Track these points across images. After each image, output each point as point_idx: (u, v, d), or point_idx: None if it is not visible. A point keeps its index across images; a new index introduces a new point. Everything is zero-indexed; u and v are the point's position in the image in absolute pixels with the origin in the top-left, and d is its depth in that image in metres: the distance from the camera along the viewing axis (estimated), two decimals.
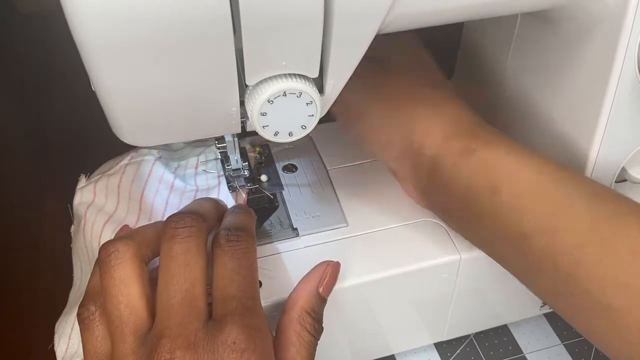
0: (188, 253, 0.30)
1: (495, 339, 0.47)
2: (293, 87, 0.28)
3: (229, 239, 0.32)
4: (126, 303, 0.30)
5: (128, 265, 0.30)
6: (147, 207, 0.40)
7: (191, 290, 0.29)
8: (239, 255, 0.31)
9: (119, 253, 0.30)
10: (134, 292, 0.30)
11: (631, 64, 0.33)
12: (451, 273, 0.39)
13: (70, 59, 0.28)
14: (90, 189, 0.41)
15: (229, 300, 0.30)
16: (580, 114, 0.36)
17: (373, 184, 0.43)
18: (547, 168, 0.33)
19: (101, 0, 0.23)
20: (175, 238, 0.30)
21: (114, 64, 0.26)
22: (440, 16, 0.31)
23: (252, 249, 0.32)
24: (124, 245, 0.30)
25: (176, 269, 0.30)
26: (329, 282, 0.35)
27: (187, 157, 0.45)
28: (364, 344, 0.43)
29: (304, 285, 0.35)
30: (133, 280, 0.30)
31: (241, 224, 0.33)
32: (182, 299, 0.29)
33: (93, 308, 0.31)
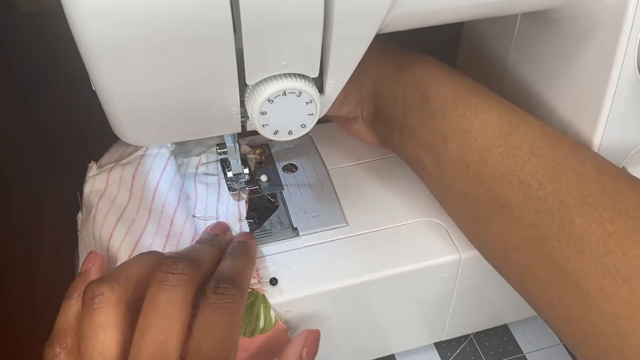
0: (170, 304, 0.29)
1: (495, 339, 0.47)
2: (293, 86, 0.28)
3: (215, 291, 0.31)
4: (100, 350, 0.29)
5: (110, 312, 0.29)
6: (158, 208, 0.39)
7: (165, 344, 0.29)
8: (221, 310, 0.31)
9: (104, 297, 0.29)
10: (110, 340, 0.29)
11: (631, 64, 0.33)
12: (451, 273, 0.39)
13: (71, 59, 0.28)
14: (103, 178, 0.40)
15: (200, 357, 0.29)
16: (580, 113, 0.37)
17: (373, 184, 0.43)
18: (468, 80, 0.37)
19: (101, 0, 0.23)
20: (163, 284, 0.30)
21: (115, 63, 0.26)
22: (440, 16, 0.31)
23: (238, 304, 0.32)
24: (110, 289, 0.30)
25: (154, 319, 0.29)
26: (311, 349, 0.35)
27: (190, 153, 0.45)
28: (364, 344, 0.43)
29: (288, 351, 0.34)
30: (112, 327, 0.29)
31: (233, 275, 0.33)
32: (154, 352, 0.28)
33: (58, 349, 0.30)
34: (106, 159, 0.42)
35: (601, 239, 0.29)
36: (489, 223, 0.34)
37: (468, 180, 0.35)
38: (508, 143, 0.33)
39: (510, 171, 0.32)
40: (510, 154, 0.33)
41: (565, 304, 0.31)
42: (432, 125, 0.36)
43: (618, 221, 0.29)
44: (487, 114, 0.34)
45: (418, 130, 0.37)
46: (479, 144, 0.34)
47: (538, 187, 0.31)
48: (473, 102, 0.35)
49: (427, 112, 0.36)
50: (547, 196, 0.31)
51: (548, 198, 0.31)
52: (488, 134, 0.34)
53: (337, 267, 0.38)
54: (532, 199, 0.31)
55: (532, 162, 0.32)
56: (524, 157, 0.32)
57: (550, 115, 0.39)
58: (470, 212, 0.36)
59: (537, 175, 0.32)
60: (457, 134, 0.35)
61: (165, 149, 0.42)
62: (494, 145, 0.33)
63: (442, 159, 0.36)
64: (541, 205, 0.31)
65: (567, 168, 0.32)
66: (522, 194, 0.32)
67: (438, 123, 0.36)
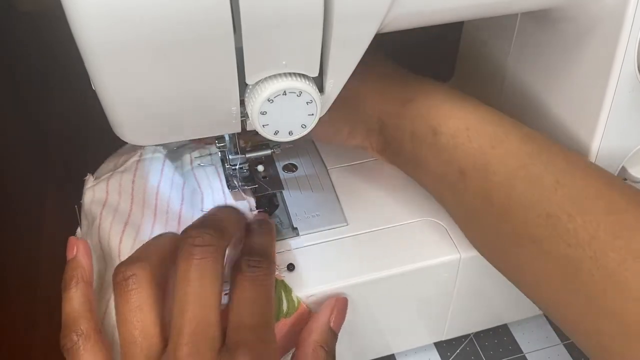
0: (204, 277, 0.30)
1: (495, 339, 0.47)
2: (293, 86, 0.28)
3: (249, 264, 0.32)
4: (141, 329, 0.30)
5: (145, 291, 0.30)
6: (163, 208, 0.39)
7: (206, 318, 0.29)
8: (258, 283, 0.32)
9: (137, 277, 0.30)
10: (149, 319, 0.30)
11: (631, 64, 0.33)
12: (451, 272, 0.39)
13: (71, 58, 0.28)
14: (102, 187, 0.40)
15: (242, 329, 0.30)
16: (580, 113, 0.37)
17: (373, 183, 0.43)
18: (480, 109, 0.35)
19: (101, 0, 0.23)
20: (192, 259, 0.30)
21: (115, 63, 0.26)
22: (440, 16, 0.31)
23: (271, 275, 0.33)
24: (141, 269, 0.31)
25: (192, 296, 0.30)
26: (339, 317, 0.36)
27: (182, 155, 0.45)
28: (364, 344, 0.43)
29: (316, 319, 0.35)
30: (149, 306, 0.30)
31: (263, 249, 0.34)
32: (196, 327, 0.29)
33: (75, 337, 0.31)
34: (102, 170, 0.42)
35: (638, 273, 0.28)
36: (519, 256, 0.33)
37: (493, 216, 0.33)
38: (530, 174, 0.32)
39: (536, 204, 0.31)
40: (534, 186, 0.31)
41: (603, 337, 0.30)
42: (446, 159, 0.35)
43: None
44: (504, 144, 0.33)
45: (431, 164, 0.36)
46: (499, 178, 0.32)
47: (567, 220, 0.30)
48: (488, 133, 0.34)
49: (439, 146, 0.35)
50: (577, 229, 0.30)
51: (578, 231, 0.30)
52: (507, 166, 0.32)
53: (337, 267, 0.38)
54: (561, 233, 0.30)
55: (557, 193, 0.31)
56: (548, 187, 0.31)
57: (550, 115, 0.39)
58: (499, 245, 0.34)
59: (564, 207, 0.30)
60: (475, 169, 0.33)
61: (159, 153, 0.42)
62: (516, 178, 0.32)
63: (462, 195, 0.34)
64: (571, 238, 0.30)
65: (595, 197, 0.30)
66: (550, 227, 0.31)
67: (451, 157, 0.34)
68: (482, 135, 0.34)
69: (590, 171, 0.32)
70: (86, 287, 0.33)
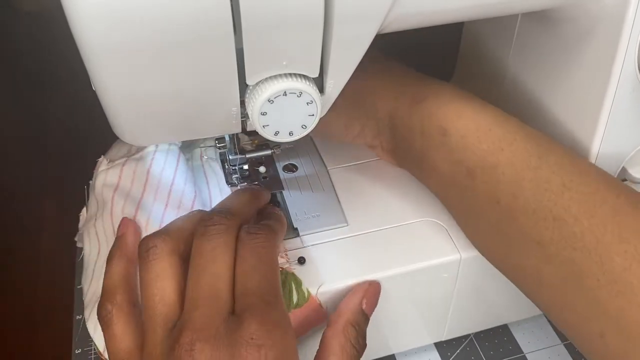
0: (215, 249, 0.31)
1: (495, 339, 0.47)
2: (293, 86, 0.28)
3: (248, 231, 0.33)
4: (160, 296, 0.31)
5: (165, 261, 0.31)
6: (176, 201, 0.40)
7: (216, 285, 0.30)
8: (258, 250, 0.32)
9: (157, 249, 0.31)
10: (168, 286, 0.31)
11: (631, 64, 0.33)
12: (451, 273, 0.39)
13: (71, 59, 0.28)
14: (116, 172, 0.41)
15: (248, 296, 0.30)
16: (580, 113, 0.37)
17: (373, 184, 0.43)
18: (489, 110, 0.36)
19: (101, 1, 0.23)
20: (204, 236, 0.32)
21: (115, 64, 0.26)
22: (441, 16, 0.31)
23: (272, 243, 0.33)
24: (162, 241, 0.32)
25: (204, 265, 0.31)
26: (371, 300, 0.36)
27: (193, 148, 0.45)
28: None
29: (349, 300, 0.36)
30: (169, 274, 0.31)
31: (266, 223, 0.35)
32: (208, 293, 0.30)
33: (110, 307, 0.32)
34: (114, 153, 0.42)
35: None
36: (523, 258, 0.33)
37: (499, 217, 0.33)
38: (538, 177, 0.32)
39: (543, 207, 0.31)
40: (542, 189, 0.32)
41: (607, 341, 0.30)
42: (454, 159, 0.35)
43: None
44: (513, 146, 0.33)
45: (439, 165, 0.36)
46: (507, 179, 0.33)
47: (573, 223, 0.30)
48: (497, 134, 0.34)
49: (448, 146, 0.35)
50: (584, 232, 0.30)
51: (585, 234, 0.30)
52: (516, 167, 0.32)
53: (337, 268, 0.38)
54: (567, 236, 0.30)
55: (564, 196, 0.31)
56: (555, 191, 0.31)
57: (550, 115, 0.39)
58: (503, 246, 0.34)
59: (571, 210, 0.30)
60: (483, 169, 0.33)
61: (174, 146, 0.43)
62: (524, 179, 0.32)
63: (468, 194, 0.35)
64: (577, 242, 0.30)
65: (601, 201, 0.30)
66: (557, 230, 0.31)
67: (460, 157, 0.35)
68: (491, 137, 0.34)
69: (597, 175, 0.32)
70: (128, 262, 0.35)
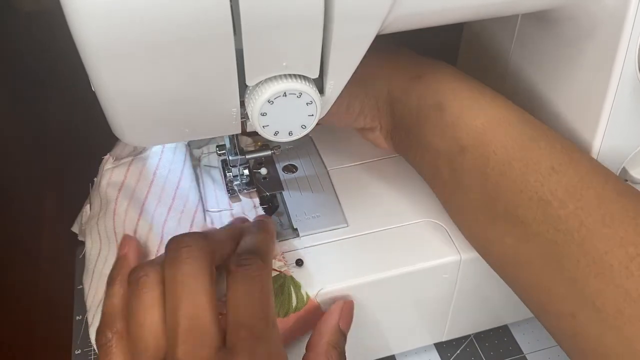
0: (189, 277, 0.30)
1: (495, 339, 0.47)
2: (293, 87, 0.28)
3: (239, 264, 0.32)
4: (149, 327, 0.30)
5: (154, 291, 0.31)
6: (179, 206, 0.40)
7: (198, 316, 0.29)
8: (249, 280, 0.31)
9: (149, 278, 0.31)
10: (157, 317, 0.30)
11: (632, 65, 0.33)
12: (451, 273, 0.39)
13: (71, 59, 0.28)
14: (121, 171, 0.40)
15: (239, 328, 0.30)
16: (581, 114, 0.36)
17: (373, 184, 0.43)
18: (486, 89, 0.36)
19: (101, 1, 0.23)
20: (176, 261, 0.30)
21: (114, 64, 0.26)
22: (441, 16, 0.31)
23: (264, 272, 0.32)
24: (154, 272, 0.31)
25: (181, 294, 0.30)
26: (347, 318, 0.37)
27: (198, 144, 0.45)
28: (364, 344, 0.43)
29: (326, 321, 0.36)
30: (159, 305, 0.30)
31: (254, 247, 0.34)
32: (190, 326, 0.29)
33: (110, 335, 0.31)
34: (119, 151, 0.42)
35: (623, 262, 0.28)
36: (505, 237, 0.34)
37: (485, 191, 0.34)
38: (528, 158, 0.32)
39: (530, 187, 0.32)
40: (530, 169, 0.32)
41: (578, 321, 0.30)
42: (449, 135, 0.35)
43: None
44: (508, 127, 0.34)
45: (434, 140, 0.36)
46: (498, 157, 0.33)
47: (559, 206, 0.31)
48: (492, 114, 0.34)
49: (443, 122, 0.35)
50: (568, 215, 0.30)
51: (569, 217, 0.30)
52: (507, 147, 0.33)
53: (337, 268, 0.38)
54: (552, 217, 0.31)
55: (552, 178, 0.31)
56: (544, 173, 0.32)
57: (551, 115, 0.39)
58: (486, 225, 0.35)
59: (557, 193, 0.31)
60: (475, 146, 0.34)
61: (181, 143, 0.43)
62: (514, 159, 0.33)
63: (458, 168, 0.35)
64: (561, 224, 0.31)
65: (588, 186, 0.31)
66: (541, 211, 0.31)
67: (455, 134, 0.35)
68: (486, 115, 0.34)
69: (586, 162, 0.33)
70: None
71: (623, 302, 0.28)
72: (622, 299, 0.28)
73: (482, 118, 0.34)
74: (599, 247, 0.29)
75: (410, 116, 0.38)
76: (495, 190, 0.33)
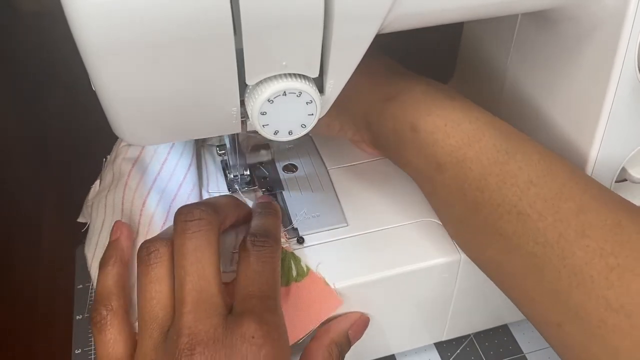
0: (198, 250, 0.31)
1: (495, 339, 0.47)
2: (293, 86, 0.28)
3: (254, 243, 0.33)
4: (158, 299, 0.31)
5: (165, 266, 0.32)
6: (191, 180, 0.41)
7: (207, 287, 0.30)
8: (264, 260, 0.32)
9: (159, 253, 0.32)
10: (166, 290, 0.31)
11: (631, 64, 0.33)
12: (451, 273, 0.39)
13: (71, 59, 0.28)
14: (137, 148, 0.42)
15: (249, 298, 0.31)
16: (580, 114, 0.37)
17: (373, 184, 0.43)
18: (458, 105, 0.36)
19: (101, 1, 0.23)
20: (185, 233, 0.31)
21: (114, 64, 0.26)
22: (440, 16, 0.31)
23: (277, 254, 0.34)
24: (164, 246, 0.32)
25: (189, 267, 0.30)
26: (358, 330, 0.38)
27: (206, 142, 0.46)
28: (364, 344, 0.43)
29: (338, 322, 0.37)
30: (169, 278, 0.31)
31: (268, 229, 0.35)
32: (199, 296, 0.30)
33: (105, 312, 0.32)
34: None
35: (603, 272, 0.29)
36: (487, 249, 0.34)
37: (465, 206, 0.34)
38: (504, 172, 0.33)
39: (508, 201, 0.32)
40: (508, 184, 0.32)
41: (565, 331, 0.30)
42: (425, 154, 0.36)
43: (620, 254, 0.29)
44: (481, 142, 0.34)
45: (412, 159, 0.37)
46: (474, 173, 0.33)
47: (537, 219, 0.31)
48: (465, 130, 0.34)
49: (418, 142, 0.36)
50: (547, 228, 0.31)
51: (548, 230, 0.30)
52: (483, 162, 0.33)
53: (337, 268, 0.38)
54: (531, 230, 0.31)
55: (530, 191, 0.32)
56: (521, 186, 0.32)
57: (550, 115, 0.39)
58: (469, 237, 0.36)
59: (535, 206, 0.31)
60: (451, 164, 0.34)
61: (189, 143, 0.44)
62: (490, 174, 0.33)
63: (438, 185, 0.36)
64: (540, 237, 0.31)
65: (567, 197, 0.31)
66: (520, 224, 0.31)
67: (430, 152, 0.35)
68: (460, 132, 0.34)
69: (565, 172, 0.33)
70: (123, 267, 0.34)
71: (604, 312, 0.28)
72: (604, 309, 0.28)
73: (456, 136, 0.34)
74: (579, 258, 0.29)
75: (387, 137, 0.38)
76: (474, 205, 0.33)
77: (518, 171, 0.32)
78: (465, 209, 0.34)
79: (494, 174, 0.33)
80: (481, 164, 0.33)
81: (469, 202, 0.34)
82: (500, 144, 0.34)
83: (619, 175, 0.38)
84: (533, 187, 0.32)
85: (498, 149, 0.33)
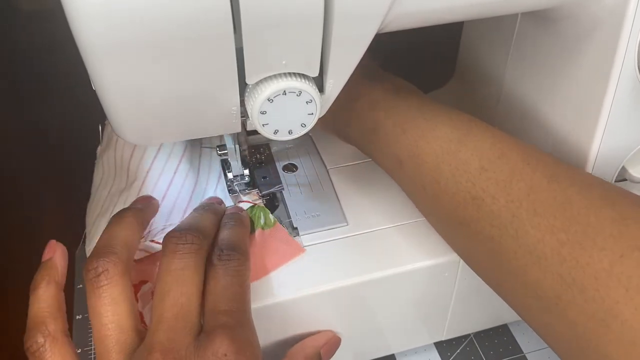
0: (185, 269, 0.31)
1: (495, 339, 0.47)
2: (293, 86, 0.28)
3: (220, 258, 0.32)
4: (117, 322, 0.30)
5: (119, 285, 0.30)
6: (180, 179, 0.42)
7: (187, 305, 0.30)
8: (231, 274, 0.32)
9: (109, 273, 0.30)
10: (124, 311, 0.30)
11: (631, 64, 0.33)
12: (451, 272, 0.39)
13: (71, 58, 0.28)
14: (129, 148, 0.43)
15: (219, 315, 0.30)
16: (580, 113, 0.37)
17: (373, 183, 0.43)
18: (414, 102, 0.37)
19: (101, 1, 0.23)
20: (176, 254, 0.31)
21: (115, 63, 0.26)
22: (440, 16, 0.31)
23: (245, 266, 0.33)
24: (114, 265, 0.30)
25: (173, 283, 0.30)
26: (331, 349, 0.38)
27: None
28: (364, 344, 0.43)
29: (312, 340, 0.38)
30: (123, 298, 0.30)
31: (234, 242, 0.34)
32: (177, 313, 0.29)
33: (42, 339, 0.30)
34: None
35: (555, 248, 0.29)
36: (454, 239, 0.35)
37: (427, 198, 0.35)
38: (457, 160, 0.33)
39: (462, 188, 0.32)
40: (460, 171, 0.33)
41: (530, 313, 0.31)
42: (386, 153, 0.37)
43: (570, 229, 0.29)
44: (434, 132, 0.35)
45: (379, 159, 0.39)
46: (429, 165, 0.34)
47: (491, 202, 0.31)
48: (420, 125, 0.35)
49: (380, 143, 0.37)
50: (500, 210, 0.31)
51: (501, 212, 0.31)
52: (436, 153, 0.34)
53: (337, 267, 0.38)
54: (486, 214, 0.32)
55: (482, 177, 0.32)
56: (474, 172, 0.32)
57: (550, 114, 0.39)
58: (440, 229, 0.37)
59: (488, 190, 0.32)
60: (410, 157, 0.35)
61: None
62: (444, 163, 0.34)
63: (403, 181, 0.37)
64: (495, 219, 0.31)
65: (518, 179, 0.31)
66: (476, 209, 0.32)
67: (390, 151, 0.36)
68: (415, 127, 0.35)
69: (517, 154, 0.33)
70: (57, 288, 0.32)
71: (560, 287, 0.28)
72: (559, 285, 0.29)
73: (412, 131, 0.35)
74: (532, 236, 0.30)
75: (357, 141, 0.40)
76: (434, 197, 0.34)
77: (470, 158, 0.33)
78: (428, 202, 0.35)
79: (446, 162, 0.33)
80: (435, 155, 0.34)
81: (429, 194, 0.35)
82: (452, 133, 0.34)
83: (619, 175, 0.38)
84: (485, 172, 0.32)
85: (450, 139, 0.34)
